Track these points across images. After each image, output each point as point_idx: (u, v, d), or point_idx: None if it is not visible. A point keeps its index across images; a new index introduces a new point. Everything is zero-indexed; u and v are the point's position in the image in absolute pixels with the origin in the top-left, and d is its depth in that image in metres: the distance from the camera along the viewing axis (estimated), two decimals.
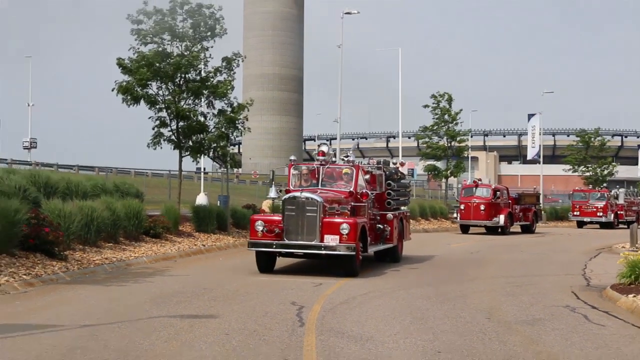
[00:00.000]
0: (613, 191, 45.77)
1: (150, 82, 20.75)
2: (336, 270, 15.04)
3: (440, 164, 41.39)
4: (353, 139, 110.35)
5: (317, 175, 16.37)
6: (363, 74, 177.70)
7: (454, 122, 40.24)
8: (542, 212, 42.15)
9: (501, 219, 32.80)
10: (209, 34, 21.65)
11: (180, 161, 22.34)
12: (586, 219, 43.23)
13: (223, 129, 22.07)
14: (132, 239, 18.52)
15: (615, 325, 9.90)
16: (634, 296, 11.54)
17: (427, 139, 40.68)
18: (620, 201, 45.26)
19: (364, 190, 16.59)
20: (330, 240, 14.65)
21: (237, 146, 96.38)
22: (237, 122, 22.05)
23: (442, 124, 39.90)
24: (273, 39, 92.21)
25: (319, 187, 16.08)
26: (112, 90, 20.86)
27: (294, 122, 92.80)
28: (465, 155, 44.84)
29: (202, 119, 21.84)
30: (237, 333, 8.69)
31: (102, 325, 9.00)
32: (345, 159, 16.99)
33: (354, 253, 14.74)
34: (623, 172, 73.73)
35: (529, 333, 9.23)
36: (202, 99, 21.65)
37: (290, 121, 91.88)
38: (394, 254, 18.14)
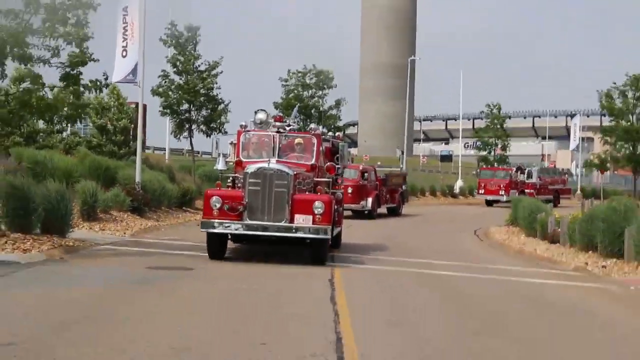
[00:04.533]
0: (527, 169, 45.09)
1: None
2: (297, 256, 14.07)
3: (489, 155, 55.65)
4: (444, 120, 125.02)
5: (272, 145, 14.35)
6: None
7: (501, 126, 55.20)
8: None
9: (369, 202, 30.33)
10: (325, 86, 38.28)
11: None
12: (489, 197, 42.17)
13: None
14: None
15: (470, 238, 25.00)
16: (494, 228, 26.84)
17: (481, 136, 56.38)
18: (533, 179, 44.45)
19: (329, 164, 14.87)
20: (302, 220, 12.84)
21: (355, 126, 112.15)
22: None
23: (492, 126, 55.11)
24: (388, 30, 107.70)
25: (276, 159, 13.93)
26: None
27: (405, 106, 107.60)
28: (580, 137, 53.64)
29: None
30: None
31: None
32: (288, 127, 14.79)
33: (328, 237, 13.11)
34: None
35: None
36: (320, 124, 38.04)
37: (401, 105, 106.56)
38: (336, 239, 15.77)
